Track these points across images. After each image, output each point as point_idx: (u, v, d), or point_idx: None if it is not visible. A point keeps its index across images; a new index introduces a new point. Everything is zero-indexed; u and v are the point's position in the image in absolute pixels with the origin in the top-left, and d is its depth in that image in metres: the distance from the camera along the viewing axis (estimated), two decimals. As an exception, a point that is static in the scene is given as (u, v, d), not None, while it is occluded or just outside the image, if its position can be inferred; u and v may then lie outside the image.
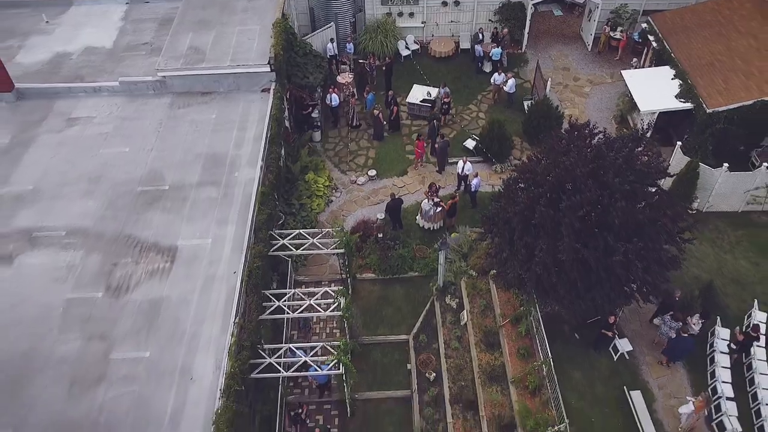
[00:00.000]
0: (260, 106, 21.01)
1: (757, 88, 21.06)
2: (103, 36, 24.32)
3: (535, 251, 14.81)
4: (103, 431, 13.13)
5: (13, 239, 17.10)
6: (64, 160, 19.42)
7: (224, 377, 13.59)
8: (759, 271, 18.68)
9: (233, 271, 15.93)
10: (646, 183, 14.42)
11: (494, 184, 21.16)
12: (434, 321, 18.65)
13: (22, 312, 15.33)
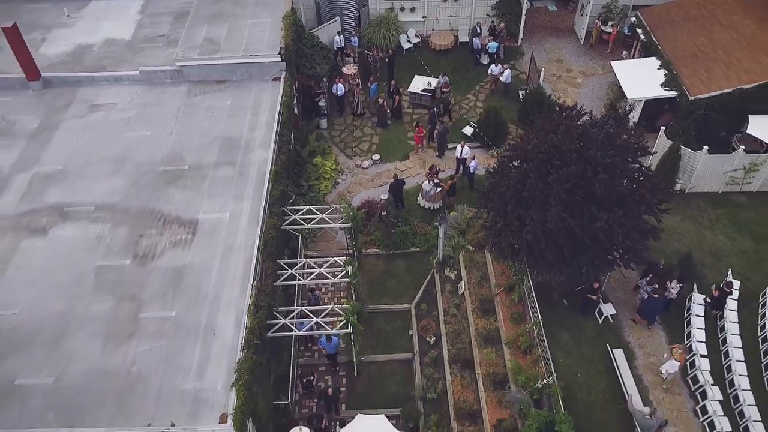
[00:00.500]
0: (271, 93, 22.45)
1: (736, 77, 22.51)
2: (122, 28, 25.75)
3: (526, 221, 16.25)
4: (136, 380, 14.57)
5: (45, 214, 18.56)
6: (90, 142, 20.88)
7: (244, 332, 15.03)
8: (735, 245, 20.12)
9: (250, 240, 17.37)
10: (626, 158, 15.84)
11: (491, 167, 22.59)
12: (434, 291, 20.10)
13: (57, 277, 16.78)
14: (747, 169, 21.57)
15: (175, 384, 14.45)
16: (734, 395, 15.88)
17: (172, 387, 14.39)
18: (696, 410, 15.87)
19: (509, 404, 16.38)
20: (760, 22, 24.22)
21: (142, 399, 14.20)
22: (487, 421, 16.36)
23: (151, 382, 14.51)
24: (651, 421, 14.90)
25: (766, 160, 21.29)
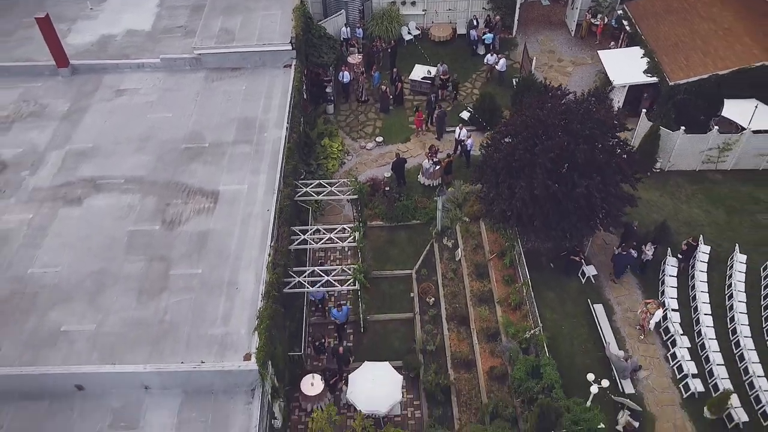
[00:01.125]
0: (283, 79, 24.29)
1: (713, 64, 24.37)
2: (142, 20, 27.61)
3: (516, 190, 18.12)
4: (168, 327, 16.42)
5: (79, 186, 20.42)
6: (117, 123, 22.74)
7: (264, 285, 16.88)
8: (708, 216, 22.00)
9: (267, 209, 19.23)
10: (604, 131, 17.67)
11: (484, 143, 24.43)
12: (433, 258, 21.97)
13: (93, 241, 18.64)
14: (721, 148, 23.45)
15: (203, 330, 16.30)
16: (701, 344, 17.74)
17: (201, 333, 16.25)
18: (667, 357, 17.75)
19: (500, 353, 18.25)
20: (736, 14, 26.07)
21: (174, 342, 16.05)
22: (480, 368, 18.23)
23: (181, 329, 16.36)
24: (625, 363, 16.78)
25: (738, 140, 23.14)
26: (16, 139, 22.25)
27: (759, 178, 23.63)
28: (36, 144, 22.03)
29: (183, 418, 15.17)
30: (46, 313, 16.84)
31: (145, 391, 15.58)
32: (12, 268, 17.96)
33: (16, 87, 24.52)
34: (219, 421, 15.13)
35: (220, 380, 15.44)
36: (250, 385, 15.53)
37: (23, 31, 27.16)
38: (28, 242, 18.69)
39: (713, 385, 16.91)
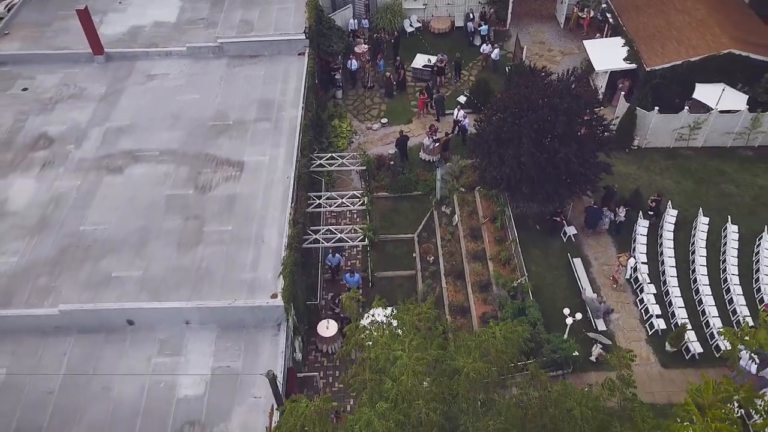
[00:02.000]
0: (298, 65, 26.91)
1: (685, 52, 26.98)
2: (167, 13, 30.26)
3: (505, 158, 20.77)
4: (204, 273, 19.07)
5: (120, 157, 23.07)
6: (150, 104, 25.38)
7: (287, 238, 19.54)
8: (678, 186, 24.65)
9: (287, 176, 21.87)
10: (580, 104, 20.30)
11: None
12: (433, 224, 24.63)
13: (135, 203, 21.29)
14: (692, 127, 26.06)
15: (235, 275, 18.96)
16: (666, 290, 20.41)
17: (233, 277, 18.90)
18: (636, 302, 20.41)
19: (491, 301, 20.91)
20: (708, 7, 28.70)
21: (211, 285, 18.71)
22: (474, 314, 20.91)
23: (216, 275, 19.02)
24: (599, 305, 19.44)
25: (706, 120, 25.78)
26: (60, 118, 24.89)
27: (726, 154, 26.27)
28: (78, 122, 24.68)
29: (219, 347, 17.82)
30: (98, 262, 19.51)
31: (186, 325, 18.21)
32: (66, 226, 20.63)
33: (56, 72, 27.16)
34: (250, 350, 17.78)
35: (251, 315, 18.08)
36: (276, 320, 18.17)
37: (59, 22, 29.88)
38: (78, 204, 21.35)
39: (674, 324, 19.57)
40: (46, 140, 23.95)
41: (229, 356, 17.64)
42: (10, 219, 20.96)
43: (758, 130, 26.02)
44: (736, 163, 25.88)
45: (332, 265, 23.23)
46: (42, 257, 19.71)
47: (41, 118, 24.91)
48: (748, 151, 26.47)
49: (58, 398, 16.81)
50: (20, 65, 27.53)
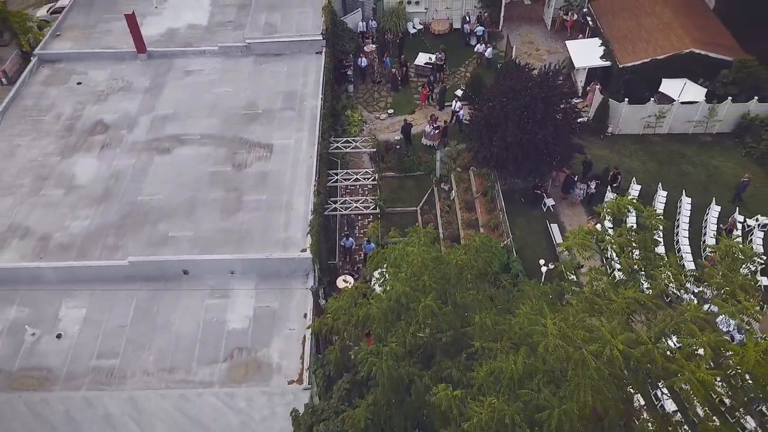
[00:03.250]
0: (316, 62, 30.91)
1: (653, 51, 30.99)
2: (199, 16, 34.29)
3: (494, 140, 24.79)
4: (245, 233, 23.07)
5: (167, 140, 27.08)
6: (189, 96, 29.39)
7: (312, 205, 23.55)
8: (644, 166, 28.69)
9: (310, 156, 25.88)
10: (556, 94, 24.30)
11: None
12: (433, 198, 28.67)
13: (183, 178, 25.30)
14: (657, 116, 30.06)
15: (270, 235, 22.98)
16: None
17: (269, 237, 22.92)
18: (602, 259, 24.42)
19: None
20: (674, 11, 32.73)
21: (251, 243, 22.72)
22: (467, 270, 24.91)
23: (255, 235, 23.03)
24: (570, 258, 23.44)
25: (670, 110, 29.79)
26: (113, 108, 28.92)
27: (687, 140, 30.29)
28: (129, 111, 28.70)
29: (259, 291, 21.81)
30: (156, 225, 23.54)
31: (231, 275, 22.22)
32: (126, 196, 24.66)
33: (105, 68, 31.20)
34: (285, 293, 21.79)
35: (285, 266, 22.07)
36: (305, 270, 22.17)
37: (103, 24, 33.96)
38: (134, 179, 25.38)
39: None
40: (102, 126, 27.98)
41: (267, 298, 21.65)
42: (79, 191, 25.00)
43: (715, 119, 30.02)
44: (695, 147, 29.92)
45: (346, 247, 27.02)
46: (108, 221, 23.76)
47: (96, 108, 28.94)
48: (707, 137, 30.48)
49: (130, 331, 20.84)
50: (73, 62, 31.58)
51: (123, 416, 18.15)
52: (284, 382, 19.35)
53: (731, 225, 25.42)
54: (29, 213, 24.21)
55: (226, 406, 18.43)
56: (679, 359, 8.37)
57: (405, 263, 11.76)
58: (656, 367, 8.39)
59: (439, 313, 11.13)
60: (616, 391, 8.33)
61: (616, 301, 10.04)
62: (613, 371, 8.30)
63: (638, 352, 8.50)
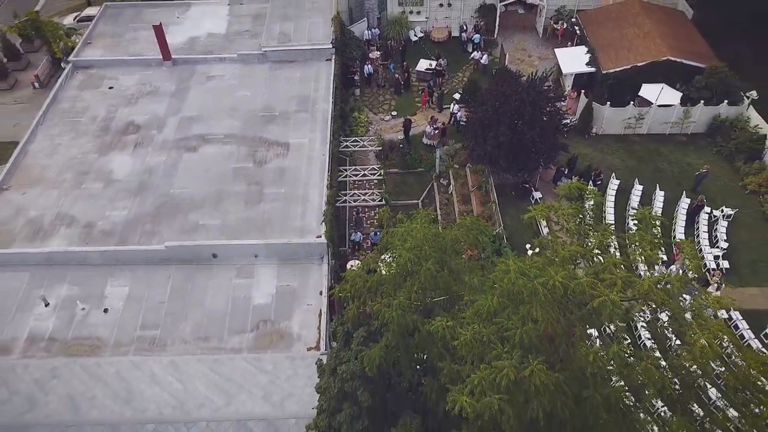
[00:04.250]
0: (326, 69, 33.93)
1: (634, 58, 33.99)
2: (217, 26, 37.32)
3: (487, 139, 27.80)
4: (266, 222, 26.05)
5: (194, 140, 30.08)
6: (211, 99, 32.39)
7: (326, 197, 26.55)
8: (624, 163, 31.70)
9: (322, 153, 28.88)
10: (542, 98, 27.29)
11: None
12: (433, 192, 31.67)
13: (210, 174, 28.30)
14: (637, 118, 33.08)
15: (289, 223, 25.97)
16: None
17: (287, 225, 25.91)
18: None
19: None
20: (654, 22, 35.72)
21: (272, 230, 25.71)
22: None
23: (275, 223, 26.02)
24: (554, 246, 26.44)
25: (648, 112, 32.80)
26: (143, 110, 31.93)
27: (664, 139, 33.30)
28: (157, 113, 31.71)
29: (280, 272, 24.78)
30: (187, 214, 26.54)
31: (255, 258, 25.21)
32: (159, 189, 27.65)
33: (134, 74, 34.21)
34: (302, 274, 24.77)
35: (302, 250, 25.04)
36: (321, 254, 25.14)
37: (130, 33, 36.99)
38: (166, 174, 28.38)
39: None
40: (134, 127, 31.00)
41: (287, 278, 24.62)
42: (117, 184, 28.01)
43: (689, 121, 33.03)
44: (671, 146, 32.94)
45: (355, 240, 29.91)
46: (145, 211, 26.77)
47: (128, 110, 31.95)
48: (682, 137, 33.50)
49: (168, 306, 23.83)
50: (105, 68, 34.61)
51: (166, 376, 21.13)
52: (304, 349, 22.36)
53: (699, 202, 28.58)
54: (73, 204, 27.21)
55: (255, 368, 21.41)
56: (600, 288, 11.38)
57: (410, 237, 14.71)
58: (584, 293, 11.41)
59: (437, 275, 14.09)
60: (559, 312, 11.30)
61: (562, 253, 13.03)
62: (555, 296, 11.28)
63: (573, 284, 11.51)
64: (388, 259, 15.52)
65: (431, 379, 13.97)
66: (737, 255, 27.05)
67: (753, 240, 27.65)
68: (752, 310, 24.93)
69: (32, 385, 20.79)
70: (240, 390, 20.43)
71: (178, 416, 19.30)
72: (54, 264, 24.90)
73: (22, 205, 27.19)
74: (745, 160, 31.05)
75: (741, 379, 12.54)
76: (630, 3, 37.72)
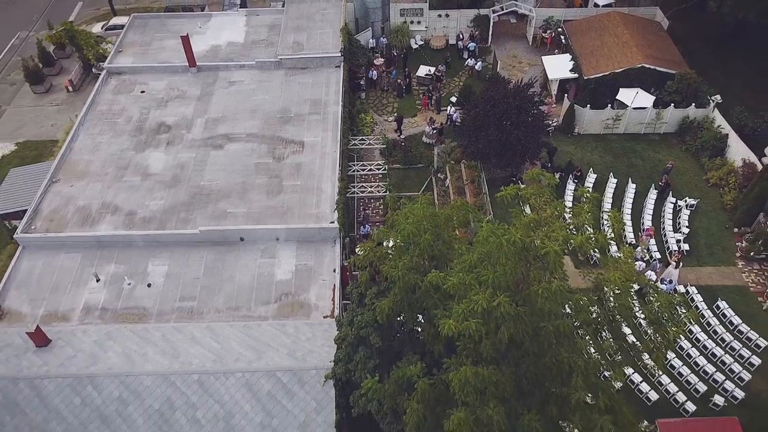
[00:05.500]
0: (336, 75, 37.74)
1: (612, 65, 37.84)
2: (236, 35, 41.16)
3: (479, 138, 31.66)
4: (286, 210, 29.87)
5: (219, 138, 33.93)
6: (234, 102, 36.23)
7: (337, 188, 30.39)
8: (601, 160, 35.57)
9: (333, 150, 32.74)
10: (527, 102, 31.13)
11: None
12: (432, 185, 35.53)
13: (234, 168, 32.12)
14: (614, 119, 36.93)
15: (306, 211, 29.80)
16: (583, 224, 31.28)
17: (305, 212, 29.74)
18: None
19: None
20: (631, 32, 39.54)
21: (291, 217, 29.55)
22: (458, 240, 31.77)
23: (294, 211, 29.85)
24: (537, 231, 30.31)
25: (624, 114, 36.64)
26: (173, 112, 35.76)
27: (639, 138, 37.16)
28: (186, 114, 35.55)
29: (299, 253, 28.58)
30: (216, 203, 30.38)
31: (277, 241, 29.04)
32: (191, 182, 31.48)
33: (163, 79, 38.04)
34: (318, 255, 28.60)
35: (318, 234, 28.85)
36: (333, 238, 28.95)
37: (157, 42, 40.82)
38: (196, 168, 32.22)
39: (586, 243, 30.41)
40: (165, 127, 34.84)
41: (305, 258, 28.44)
42: (154, 177, 31.84)
43: (661, 121, 36.89)
44: (645, 144, 36.79)
45: (363, 234, 33.66)
46: (179, 201, 30.61)
47: (159, 112, 35.80)
48: (655, 136, 37.36)
49: (202, 281, 27.68)
50: (136, 74, 38.43)
51: (205, 337, 24.96)
52: (320, 316, 26.19)
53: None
54: (116, 194, 31.05)
55: (279, 332, 25.26)
56: (548, 242, 15.20)
57: (412, 215, 18.49)
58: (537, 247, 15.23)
59: (433, 244, 17.86)
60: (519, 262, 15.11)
61: (523, 221, 16.85)
62: (516, 249, 15.09)
63: (528, 239, 15.33)
64: (391, 242, 19.31)
65: (428, 326, 17.84)
66: (697, 239, 30.92)
67: (711, 226, 31.53)
68: (707, 286, 28.81)
69: (92, 345, 24.60)
70: (268, 348, 24.26)
71: (218, 368, 23.09)
72: (103, 246, 28.75)
73: (71, 195, 31.05)
74: (709, 156, 34.90)
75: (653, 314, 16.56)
76: (611, 14, 41.58)
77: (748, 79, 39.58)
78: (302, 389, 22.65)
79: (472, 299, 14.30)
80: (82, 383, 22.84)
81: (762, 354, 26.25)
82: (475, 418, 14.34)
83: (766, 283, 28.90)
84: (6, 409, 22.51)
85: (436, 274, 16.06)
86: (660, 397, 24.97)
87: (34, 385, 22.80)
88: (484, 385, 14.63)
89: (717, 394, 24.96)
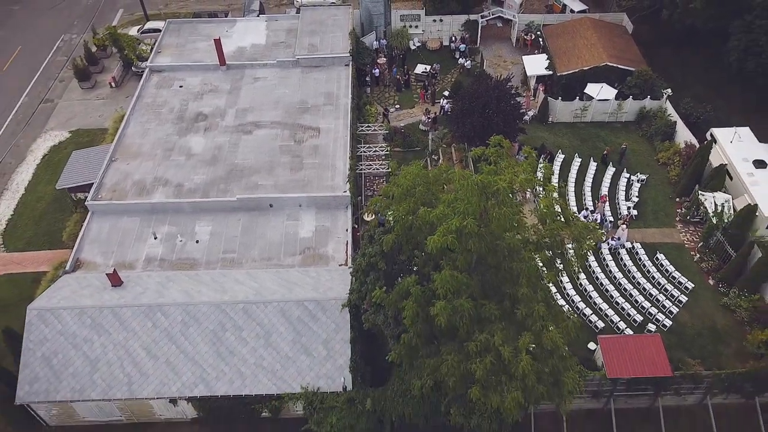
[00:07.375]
0: (345, 72, 44.21)
1: (581, 63, 44.30)
2: (259, 38, 47.69)
3: (466, 124, 38.20)
4: (306, 183, 36.35)
5: (249, 125, 40.47)
6: (259, 95, 42.74)
7: (348, 165, 36.88)
8: (570, 143, 42.07)
9: (345, 135, 39.24)
10: (506, 95, 37.63)
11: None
12: (427, 166, 42.01)
13: (262, 149, 38.66)
14: (582, 109, 43.44)
15: (323, 183, 36.31)
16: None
17: (322, 184, 36.25)
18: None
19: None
20: (599, 35, 45.99)
21: (311, 188, 36.03)
22: (448, 208, 38.32)
23: (313, 183, 36.35)
24: (513, 200, 36.90)
25: (590, 105, 43.15)
26: (208, 103, 42.27)
27: (603, 126, 43.67)
28: (219, 105, 42.08)
29: (318, 216, 35.08)
30: (249, 177, 36.90)
31: (300, 207, 35.54)
32: (227, 161, 38.00)
33: (198, 76, 44.53)
34: (334, 219, 35.13)
35: (333, 201, 35.33)
36: (346, 204, 35.45)
37: (191, 44, 47.35)
38: (230, 149, 38.74)
39: (553, 210, 36.95)
40: (202, 116, 41.36)
41: (323, 220, 34.95)
42: (196, 157, 38.37)
43: (622, 111, 43.40)
44: (608, 130, 43.31)
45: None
46: (218, 176, 37.14)
47: (196, 103, 42.32)
48: (617, 124, 43.86)
49: (240, 239, 34.20)
50: (174, 72, 44.95)
51: (246, 279, 31.50)
52: (336, 265, 32.73)
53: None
54: (165, 171, 37.59)
55: (304, 276, 31.79)
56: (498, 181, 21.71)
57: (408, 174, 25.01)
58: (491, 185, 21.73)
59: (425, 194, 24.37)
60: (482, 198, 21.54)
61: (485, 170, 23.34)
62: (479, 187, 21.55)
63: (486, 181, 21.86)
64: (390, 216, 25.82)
65: (420, 254, 24.41)
66: (645, 207, 37.47)
67: (658, 196, 38.08)
68: (651, 243, 35.35)
69: (157, 285, 31.18)
70: (296, 286, 30.80)
71: (258, 299, 29.64)
72: (157, 211, 35.28)
73: (128, 171, 37.60)
74: (660, 140, 41.41)
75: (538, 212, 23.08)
76: (582, 19, 48.09)
77: (698, 75, 46.10)
78: (324, 315, 29.22)
79: (449, 222, 20.78)
80: (152, 310, 29.40)
81: (689, 294, 32.75)
82: (452, 306, 20.84)
83: (698, 241, 35.42)
84: (94, 330, 29.06)
85: (425, 210, 22.57)
86: (605, 325, 31.53)
87: (116, 312, 29.36)
88: (458, 286, 21.12)
89: (650, 323, 31.50)
